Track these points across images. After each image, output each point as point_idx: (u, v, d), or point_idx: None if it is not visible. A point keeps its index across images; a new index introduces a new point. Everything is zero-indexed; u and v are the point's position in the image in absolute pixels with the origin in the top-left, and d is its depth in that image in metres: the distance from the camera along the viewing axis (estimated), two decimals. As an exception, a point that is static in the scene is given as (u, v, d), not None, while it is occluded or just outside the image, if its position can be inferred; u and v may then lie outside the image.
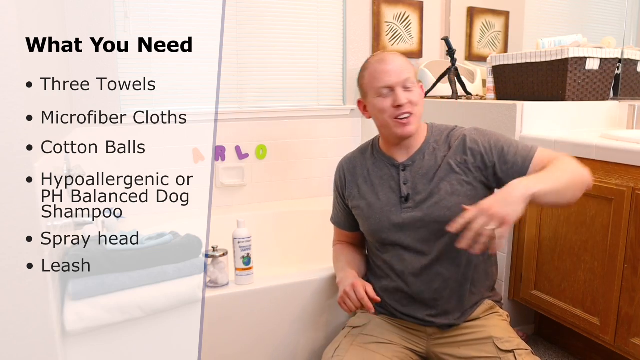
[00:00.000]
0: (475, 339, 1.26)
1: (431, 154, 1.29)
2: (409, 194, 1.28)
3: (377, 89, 1.26)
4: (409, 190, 1.28)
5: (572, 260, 1.60)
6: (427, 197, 1.26)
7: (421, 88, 1.32)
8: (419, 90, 1.28)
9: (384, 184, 1.32)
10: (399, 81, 1.24)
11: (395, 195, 1.30)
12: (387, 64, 1.25)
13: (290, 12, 2.45)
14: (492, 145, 1.25)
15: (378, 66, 1.26)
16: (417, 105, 1.26)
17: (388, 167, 1.33)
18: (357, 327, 1.35)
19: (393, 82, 1.24)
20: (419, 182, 1.28)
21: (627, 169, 1.40)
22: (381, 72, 1.25)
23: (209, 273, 1.43)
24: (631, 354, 1.43)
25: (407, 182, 1.29)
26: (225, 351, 1.44)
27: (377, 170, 1.35)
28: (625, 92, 1.97)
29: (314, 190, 2.60)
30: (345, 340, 1.32)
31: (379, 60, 1.27)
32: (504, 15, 2.71)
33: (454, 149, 1.27)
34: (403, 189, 1.29)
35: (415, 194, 1.27)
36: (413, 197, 1.28)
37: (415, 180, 1.28)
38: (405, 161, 1.30)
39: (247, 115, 2.40)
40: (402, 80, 1.24)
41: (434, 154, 1.29)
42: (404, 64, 1.26)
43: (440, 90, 2.45)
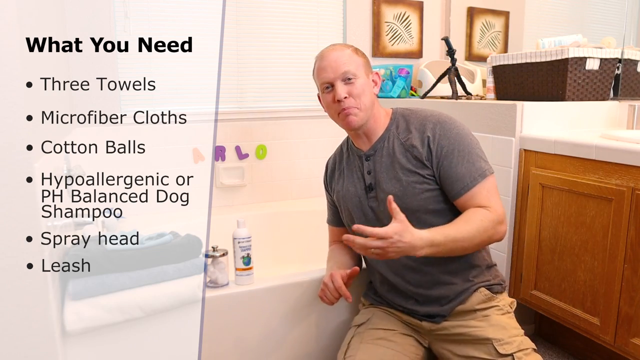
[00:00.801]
0: (474, 338, 1.25)
1: (392, 142, 1.28)
2: (371, 184, 1.30)
3: (321, 85, 1.29)
4: (371, 180, 1.30)
5: (572, 260, 1.60)
6: (388, 187, 1.26)
7: (377, 75, 1.31)
8: (363, 81, 1.25)
9: (353, 175, 1.35)
10: (336, 76, 1.24)
11: (361, 185, 1.32)
12: (324, 59, 1.27)
13: (290, 12, 2.45)
14: (446, 152, 1.22)
15: (319, 63, 1.28)
16: (360, 97, 1.24)
17: (355, 158, 1.35)
18: (362, 324, 1.37)
19: (331, 77, 1.25)
20: (380, 171, 1.28)
21: (627, 169, 1.40)
22: (320, 69, 1.27)
23: (209, 273, 1.43)
24: (631, 354, 1.43)
25: (370, 172, 1.30)
26: (225, 351, 1.44)
27: (349, 162, 1.38)
28: (625, 92, 1.97)
29: (314, 190, 2.60)
30: (354, 339, 1.33)
31: (320, 56, 1.29)
32: (504, 15, 2.71)
33: (413, 137, 1.26)
34: (367, 178, 1.31)
35: (378, 184, 1.29)
36: (376, 186, 1.29)
37: (377, 170, 1.29)
38: (367, 151, 1.31)
39: (247, 115, 2.40)
40: (339, 75, 1.24)
41: (394, 142, 1.28)
42: (342, 57, 1.25)
43: (440, 90, 2.45)
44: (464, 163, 1.21)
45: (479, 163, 1.23)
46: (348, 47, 1.30)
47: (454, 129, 1.24)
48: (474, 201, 1.21)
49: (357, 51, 1.30)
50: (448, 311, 1.29)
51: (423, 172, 1.23)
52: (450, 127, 1.24)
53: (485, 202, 1.20)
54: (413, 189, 1.23)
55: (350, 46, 1.31)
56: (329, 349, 1.57)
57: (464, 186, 1.21)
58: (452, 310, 1.28)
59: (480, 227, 1.17)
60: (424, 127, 1.25)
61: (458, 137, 1.23)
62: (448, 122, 1.26)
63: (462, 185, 1.21)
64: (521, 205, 1.77)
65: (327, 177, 1.48)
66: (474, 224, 1.17)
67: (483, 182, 1.21)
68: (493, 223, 1.18)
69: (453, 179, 1.21)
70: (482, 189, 1.21)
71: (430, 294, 1.29)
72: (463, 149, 1.22)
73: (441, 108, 2.17)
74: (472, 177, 1.20)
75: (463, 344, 1.26)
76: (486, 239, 1.20)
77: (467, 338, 1.26)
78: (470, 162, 1.21)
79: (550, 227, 1.66)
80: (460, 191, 1.21)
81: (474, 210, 1.20)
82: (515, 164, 1.77)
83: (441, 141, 1.22)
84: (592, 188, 1.50)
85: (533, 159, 1.72)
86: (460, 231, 1.16)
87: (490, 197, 1.21)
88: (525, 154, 1.74)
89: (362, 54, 1.30)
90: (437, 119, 1.26)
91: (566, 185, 1.58)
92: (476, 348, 1.23)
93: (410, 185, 1.23)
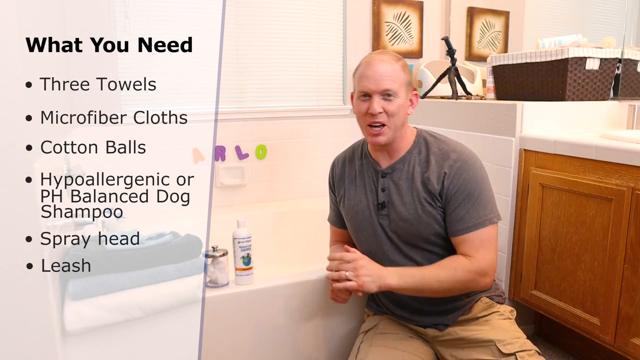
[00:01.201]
0: (477, 342, 1.26)
1: (412, 166, 1.28)
2: (384, 202, 1.29)
3: (359, 92, 1.26)
4: (385, 198, 1.29)
5: (572, 260, 1.60)
6: (399, 209, 1.27)
7: (415, 97, 1.29)
8: (401, 101, 1.23)
9: (365, 187, 1.34)
10: (377, 90, 1.22)
11: (373, 200, 1.32)
12: (370, 68, 1.23)
13: (290, 12, 2.45)
14: (455, 191, 1.23)
15: (364, 69, 1.25)
16: (393, 117, 1.22)
17: (371, 171, 1.33)
18: (370, 330, 1.38)
19: (371, 89, 1.22)
20: (396, 192, 1.28)
21: (627, 169, 1.40)
22: (363, 76, 1.24)
23: (209, 273, 1.43)
24: (631, 354, 1.43)
25: (385, 190, 1.29)
26: (225, 351, 1.44)
27: (363, 172, 1.36)
28: (625, 92, 1.97)
29: (314, 190, 2.60)
30: (363, 344, 1.34)
31: (367, 62, 1.25)
32: (504, 15, 2.71)
33: (431, 170, 1.26)
34: (380, 195, 1.30)
35: (391, 204, 1.28)
36: (389, 205, 1.29)
37: (392, 190, 1.29)
38: (386, 168, 1.30)
39: (247, 115, 2.40)
40: (380, 90, 1.22)
41: (414, 166, 1.28)
42: (388, 72, 1.22)
43: (440, 90, 2.45)
44: (468, 207, 1.22)
45: (484, 211, 1.23)
46: (398, 60, 1.26)
47: (471, 171, 1.23)
48: (464, 246, 1.23)
49: (405, 67, 1.26)
50: (451, 320, 1.31)
51: (435, 204, 1.25)
52: (468, 168, 1.24)
53: (472, 252, 1.22)
54: (427, 218, 1.25)
55: (401, 59, 1.27)
56: (329, 349, 1.57)
57: (460, 229, 1.22)
58: (455, 319, 1.31)
59: (453, 275, 1.20)
60: (443, 161, 1.25)
61: (472, 180, 1.23)
62: (468, 162, 1.24)
63: (459, 227, 1.23)
64: (521, 205, 1.77)
65: (335, 177, 1.44)
66: (446, 271, 1.20)
67: (479, 231, 1.22)
68: (471, 274, 1.20)
69: (454, 219, 1.23)
70: (476, 237, 1.22)
71: (433, 308, 1.30)
72: (472, 193, 1.22)
73: (441, 108, 2.17)
74: (473, 222, 1.22)
75: (467, 349, 1.27)
76: (460, 287, 1.22)
77: (471, 342, 1.27)
78: (475, 208, 1.22)
79: (550, 227, 1.66)
80: (455, 232, 1.23)
81: (452, 259, 1.23)
82: (515, 164, 1.77)
83: (454, 180, 1.23)
84: (592, 188, 1.50)
85: (533, 159, 1.72)
86: (430, 272, 1.21)
87: (480, 248, 1.22)
88: (525, 154, 1.74)
89: (408, 72, 1.27)
90: (459, 157, 1.25)
91: (566, 185, 1.58)
92: (480, 351, 1.24)
93: (425, 213, 1.25)
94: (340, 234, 1.50)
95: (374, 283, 1.17)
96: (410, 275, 1.20)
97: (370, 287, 1.17)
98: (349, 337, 1.58)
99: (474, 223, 1.22)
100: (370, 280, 1.17)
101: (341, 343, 1.58)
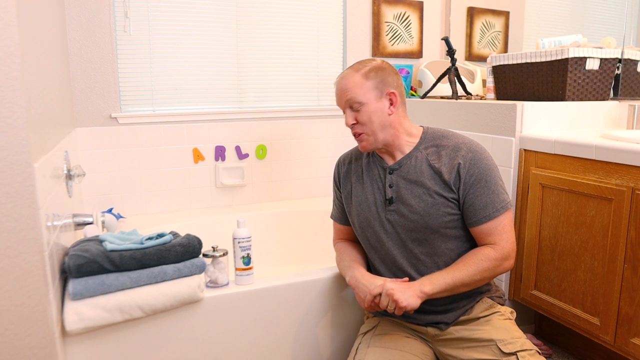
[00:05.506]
0: (478, 341, 1.27)
1: (420, 161, 1.30)
2: (392, 197, 1.31)
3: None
4: (392, 194, 1.31)
5: (572, 260, 1.60)
6: (408, 203, 1.28)
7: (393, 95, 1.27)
8: (372, 107, 1.26)
9: (373, 184, 1.36)
10: (343, 103, 1.30)
11: (381, 197, 1.33)
12: (335, 87, 1.32)
13: (290, 12, 2.45)
14: (474, 180, 1.25)
15: (335, 89, 1.33)
16: (367, 124, 1.27)
17: (378, 168, 1.36)
18: (369, 331, 1.39)
19: (341, 104, 1.31)
20: (404, 187, 1.30)
21: (627, 169, 1.40)
22: (335, 95, 1.34)
23: (209, 273, 1.43)
24: (631, 354, 1.43)
25: (392, 185, 1.31)
26: (225, 351, 1.44)
27: (369, 169, 1.38)
28: (625, 92, 1.97)
29: (314, 190, 2.61)
30: (362, 345, 1.35)
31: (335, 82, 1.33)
32: (504, 15, 2.71)
33: (443, 163, 1.27)
34: (388, 191, 1.32)
35: (400, 199, 1.30)
36: (397, 201, 1.30)
37: (400, 185, 1.30)
38: (393, 165, 1.32)
39: (247, 115, 2.40)
40: (344, 102, 1.29)
41: (422, 163, 1.29)
42: (347, 85, 1.27)
43: (440, 90, 2.45)
44: (489, 194, 1.25)
45: (503, 195, 1.27)
46: (358, 70, 1.27)
47: (484, 160, 1.27)
48: (488, 233, 1.26)
49: (369, 74, 1.26)
50: (452, 319, 1.31)
51: (448, 196, 1.26)
52: (480, 157, 1.27)
53: (496, 238, 1.25)
54: (437, 210, 1.26)
55: (365, 67, 1.27)
56: (329, 349, 1.57)
57: (485, 215, 1.25)
58: (456, 319, 1.32)
59: (480, 266, 1.23)
60: (455, 153, 1.27)
61: (487, 168, 1.27)
62: (479, 151, 1.28)
63: (483, 214, 1.25)
64: (521, 205, 1.77)
65: (341, 174, 1.45)
66: (473, 266, 1.24)
67: (503, 215, 1.26)
68: (497, 261, 1.24)
69: (476, 207, 1.25)
70: (499, 223, 1.25)
71: (435, 308, 1.31)
72: (490, 179, 1.26)
73: (441, 108, 2.17)
74: (495, 208, 1.25)
75: (467, 348, 1.28)
76: (488, 275, 1.25)
77: (471, 341, 1.27)
78: (495, 193, 1.26)
79: (550, 227, 1.66)
80: (481, 219, 1.25)
81: (475, 252, 1.26)
82: (515, 164, 1.77)
83: (470, 169, 1.25)
84: (592, 188, 1.50)
85: (533, 159, 1.72)
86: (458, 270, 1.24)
87: (503, 233, 1.26)
88: (525, 154, 1.74)
89: (375, 76, 1.26)
90: (469, 148, 1.28)
91: (566, 185, 1.58)
92: (480, 351, 1.25)
93: (435, 205, 1.26)
94: (343, 231, 1.51)
95: (412, 298, 1.19)
96: (440, 278, 1.23)
97: (413, 303, 1.19)
98: (349, 337, 1.58)
99: (497, 208, 1.25)
100: (408, 296, 1.19)
101: (341, 343, 1.58)
